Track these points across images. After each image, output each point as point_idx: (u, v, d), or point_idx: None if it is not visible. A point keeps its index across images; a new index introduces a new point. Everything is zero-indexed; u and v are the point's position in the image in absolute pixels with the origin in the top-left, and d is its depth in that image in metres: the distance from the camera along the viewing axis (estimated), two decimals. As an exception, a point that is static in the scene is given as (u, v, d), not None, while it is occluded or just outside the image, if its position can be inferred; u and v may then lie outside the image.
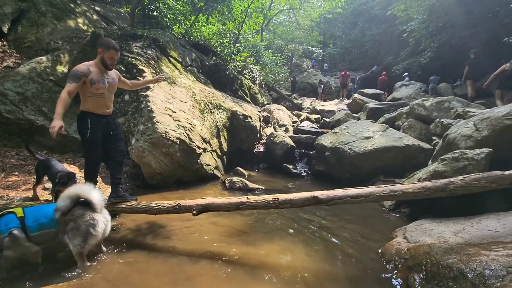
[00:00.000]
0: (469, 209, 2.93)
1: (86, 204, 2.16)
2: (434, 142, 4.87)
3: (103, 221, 2.24)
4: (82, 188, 2.23)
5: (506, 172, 2.26)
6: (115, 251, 2.50)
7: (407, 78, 12.18)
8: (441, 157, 3.38)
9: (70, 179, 2.81)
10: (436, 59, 10.60)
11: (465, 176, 2.37)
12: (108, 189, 3.29)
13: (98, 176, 4.30)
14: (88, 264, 2.20)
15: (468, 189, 2.30)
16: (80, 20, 7.23)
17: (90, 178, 2.90)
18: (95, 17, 7.87)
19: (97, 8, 8.29)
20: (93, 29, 6.63)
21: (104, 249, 2.43)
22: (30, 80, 4.87)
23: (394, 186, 2.49)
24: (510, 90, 5.90)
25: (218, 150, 5.75)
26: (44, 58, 5.42)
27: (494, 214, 2.68)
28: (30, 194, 3.28)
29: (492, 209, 2.86)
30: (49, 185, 3.38)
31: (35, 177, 3.29)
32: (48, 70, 5.27)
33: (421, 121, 5.81)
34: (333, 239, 2.94)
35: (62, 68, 5.53)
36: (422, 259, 2.16)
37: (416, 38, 11.57)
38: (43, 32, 6.32)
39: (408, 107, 6.44)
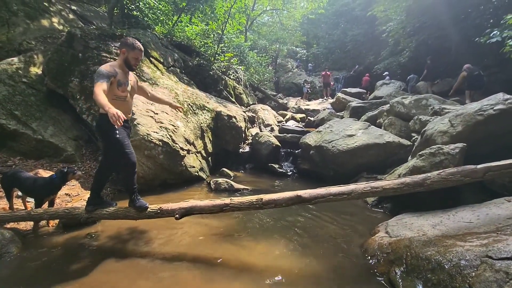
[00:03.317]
0: (446, 202, 3.06)
1: None
2: (413, 138, 5.03)
3: None
4: None
5: (479, 166, 2.36)
6: (93, 260, 2.40)
7: (387, 77, 12.54)
8: (419, 153, 3.49)
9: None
10: (414, 58, 10.95)
11: (441, 170, 2.46)
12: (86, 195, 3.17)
13: (77, 182, 4.15)
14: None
15: (445, 183, 2.39)
16: (55, 20, 6.93)
17: (99, 184, 2.82)
18: (71, 16, 7.57)
19: (73, 7, 7.98)
20: (69, 28, 6.38)
21: None
22: (0, 82, 4.61)
23: (375, 183, 2.54)
24: (477, 89, 6.85)
25: (202, 152, 5.68)
26: (16, 59, 5.15)
27: (469, 206, 2.80)
28: (1, 203, 3.11)
29: (467, 201, 3.00)
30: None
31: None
32: (20, 71, 5.01)
33: (400, 118, 5.99)
34: (318, 237, 2.97)
35: (35, 70, 5.28)
36: (402, 253, 2.22)
37: (395, 38, 11.92)
38: (15, 32, 6.01)
39: (389, 105, 6.63)
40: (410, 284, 1.97)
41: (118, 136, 2.48)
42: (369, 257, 2.50)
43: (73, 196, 3.80)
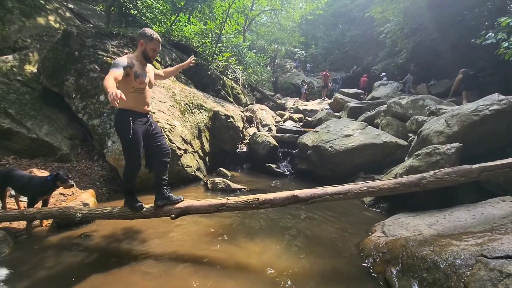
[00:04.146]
0: (442, 201, 3.06)
1: None
2: (410, 138, 5.04)
3: None
4: None
5: (474, 166, 2.37)
6: (87, 259, 2.38)
7: (385, 78, 12.59)
8: (416, 153, 3.50)
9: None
10: (411, 59, 11.02)
11: (437, 170, 2.46)
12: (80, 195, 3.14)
13: (72, 181, 4.11)
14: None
15: (440, 183, 2.39)
16: (51, 18, 6.87)
17: (131, 182, 2.70)
18: (68, 14, 7.51)
19: (70, 6, 7.92)
20: (65, 26, 6.33)
21: None
22: (-6, 80, 4.57)
23: (371, 183, 2.54)
24: (473, 90, 7.16)
25: (200, 151, 5.66)
26: (10, 57, 5.10)
27: (465, 205, 2.81)
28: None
29: (463, 201, 3.00)
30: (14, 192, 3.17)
31: None
32: (15, 69, 4.96)
33: (398, 118, 6.01)
34: (314, 236, 2.96)
35: (31, 68, 5.23)
36: (398, 252, 2.22)
37: (393, 39, 11.97)
38: (10, 30, 5.94)
39: (386, 105, 6.65)
40: (405, 284, 1.96)
41: (131, 136, 2.45)
42: (365, 257, 2.49)
43: (68, 195, 3.76)
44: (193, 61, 3.14)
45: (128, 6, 8.43)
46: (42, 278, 2.06)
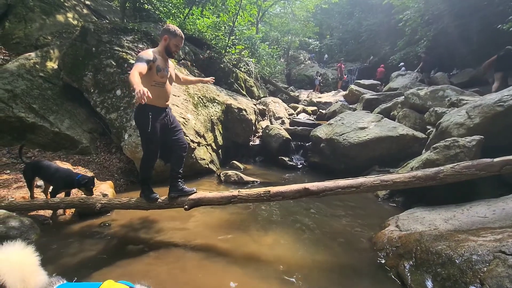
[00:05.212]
0: (461, 196, 2.95)
1: None
2: (429, 131, 4.87)
3: None
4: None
5: (496, 159, 2.26)
6: (106, 246, 2.50)
7: (403, 68, 12.12)
8: (433, 146, 3.38)
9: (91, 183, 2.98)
10: (432, 48, 10.52)
11: (455, 164, 2.37)
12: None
13: (92, 173, 4.28)
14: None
15: (458, 177, 2.31)
16: (69, 15, 7.08)
17: (147, 173, 2.79)
18: (85, 11, 7.71)
19: (87, 2, 8.12)
20: (83, 23, 6.51)
21: None
22: (19, 77, 4.78)
23: (385, 176, 2.49)
24: (508, 70, 6.04)
25: (213, 144, 5.73)
26: (33, 54, 5.32)
27: (485, 200, 2.70)
28: (22, 192, 3.27)
29: (484, 196, 2.88)
30: (41, 182, 3.36)
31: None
32: (37, 66, 5.18)
33: (416, 110, 5.80)
34: (327, 230, 2.96)
35: (52, 64, 5.44)
36: (412, 247, 2.18)
37: (412, 27, 11.44)
38: (32, 28, 6.20)
39: (403, 97, 6.42)
40: (418, 278, 1.93)
41: (149, 131, 2.53)
42: (377, 251, 2.47)
43: (89, 186, 3.94)
44: (212, 81, 3.23)
45: (142, 1, 8.51)
46: (66, 263, 2.19)
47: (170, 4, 9.71)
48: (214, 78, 3.35)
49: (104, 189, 3.52)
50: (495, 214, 2.32)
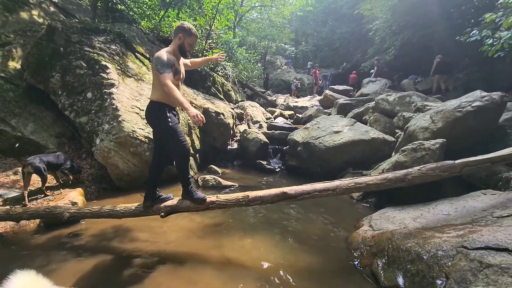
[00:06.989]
0: (428, 195, 3.16)
1: None
2: (397, 134, 5.16)
3: None
4: None
5: (457, 161, 2.45)
6: (74, 258, 2.35)
7: (373, 75, 12.75)
8: (402, 148, 3.59)
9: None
10: (400, 56, 11.21)
11: (422, 166, 2.54)
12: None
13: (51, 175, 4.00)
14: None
15: (424, 178, 2.47)
16: (34, 12, 6.63)
17: (188, 173, 2.60)
18: (52, 9, 7.26)
19: (54, 0, 7.67)
20: (49, 21, 6.13)
21: None
22: (-25, 77, 4.40)
23: (359, 179, 2.60)
24: (444, 75, 8.47)
25: (190, 149, 5.62)
26: (-8, 53, 4.92)
27: (448, 199, 2.91)
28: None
29: (448, 195, 3.11)
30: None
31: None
32: (-3, 66, 4.79)
33: (385, 115, 6.12)
34: (303, 232, 3.01)
35: (14, 64, 5.06)
36: (384, 245, 2.29)
37: (381, 36, 12.12)
38: (-9, 25, 5.72)
39: (374, 102, 6.76)
40: (391, 275, 2.03)
41: (171, 124, 2.40)
42: (353, 250, 2.56)
43: (55, 194, 3.69)
44: (221, 57, 3.10)
45: (115, 1, 8.21)
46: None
47: (144, 6, 9.47)
48: (224, 53, 3.25)
49: (73, 197, 3.33)
50: (457, 212, 2.52)
